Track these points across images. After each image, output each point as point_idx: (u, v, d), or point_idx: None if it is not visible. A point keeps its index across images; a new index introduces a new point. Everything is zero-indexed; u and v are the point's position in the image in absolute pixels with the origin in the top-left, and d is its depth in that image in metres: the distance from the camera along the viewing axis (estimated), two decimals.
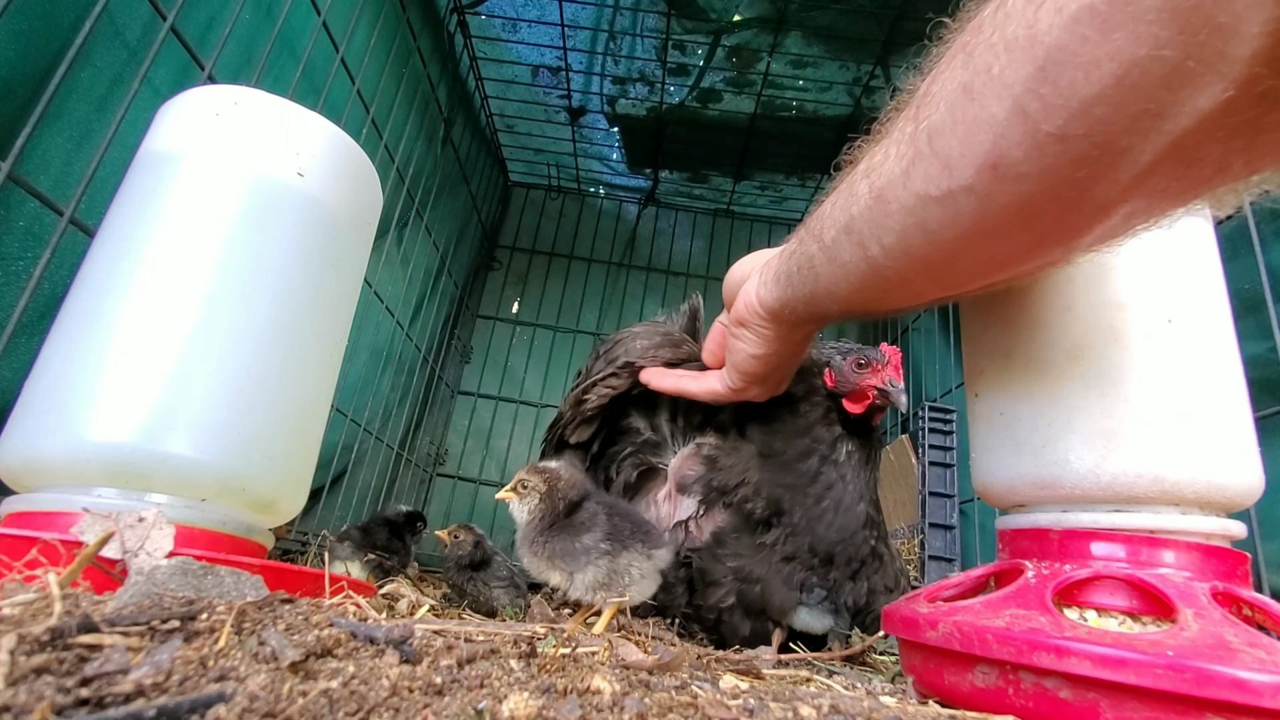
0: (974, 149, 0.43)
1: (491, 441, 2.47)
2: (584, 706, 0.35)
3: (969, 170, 0.44)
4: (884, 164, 0.52)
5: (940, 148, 0.45)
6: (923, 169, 0.47)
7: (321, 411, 0.77)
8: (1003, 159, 0.42)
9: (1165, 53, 0.34)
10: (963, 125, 0.43)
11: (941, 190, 0.46)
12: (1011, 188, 0.43)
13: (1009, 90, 0.40)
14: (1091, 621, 0.56)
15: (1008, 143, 0.41)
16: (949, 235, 0.48)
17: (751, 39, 1.89)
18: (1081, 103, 0.37)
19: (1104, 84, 0.36)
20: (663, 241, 2.70)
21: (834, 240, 0.59)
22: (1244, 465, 0.59)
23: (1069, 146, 0.39)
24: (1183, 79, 0.34)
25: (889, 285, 0.58)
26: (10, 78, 0.73)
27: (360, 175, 0.80)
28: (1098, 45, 0.35)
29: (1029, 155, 0.41)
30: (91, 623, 0.33)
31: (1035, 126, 0.39)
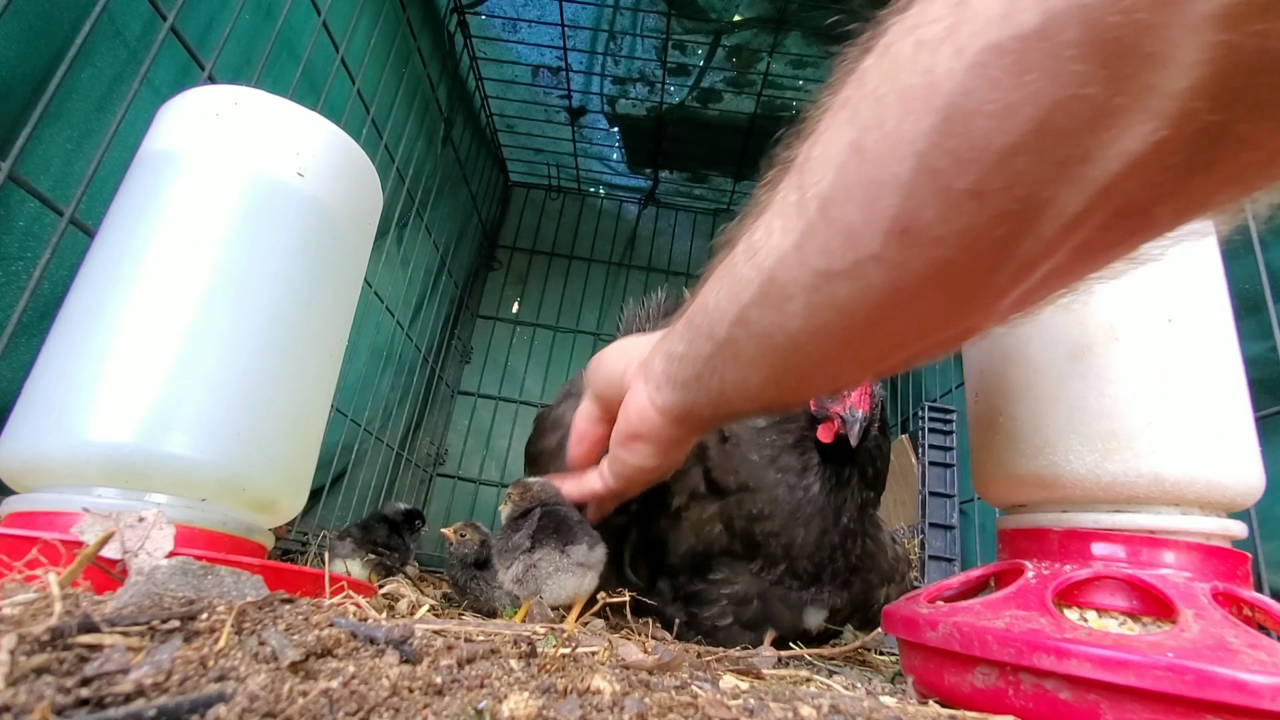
0: (878, 215, 0.38)
1: (492, 442, 2.47)
2: (584, 706, 0.35)
3: (875, 239, 0.39)
4: (768, 241, 0.47)
5: (837, 216, 0.41)
6: (819, 242, 0.42)
7: (321, 411, 0.77)
8: (913, 223, 0.37)
9: (1090, 91, 0.30)
10: (860, 189, 0.39)
11: (847, 263, 0.41)
12: (926, 253, 0.38)
13: (910, 147, 0.35)
14: (1092, 622, 0.56)
15: (917, 204, 0.37)
16: (863, 312, 0.43)
17: (752, 39, 1.89)
18: (998, 154, 0.33)
19: (1022, 132, 0.32)
20: (663, 241, 2.70)
21: (729, 336, 0.53)
22: (1244, 465, 0.59)
23: (987, 203, 0.35)
24: (1111, 119, 0.30)
25: (805, 374, 0.53)
26: (10, 78, 0.73)
27: (360, 175, 0.80)
28: (1010, 89, 0.31)
29: (943, 216, 0.36)
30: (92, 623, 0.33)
31: (947, 184, 0.35)
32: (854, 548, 0.93)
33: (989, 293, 0.41)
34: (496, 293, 2.63)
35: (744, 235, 0.51)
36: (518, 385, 2.52)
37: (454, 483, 2.41)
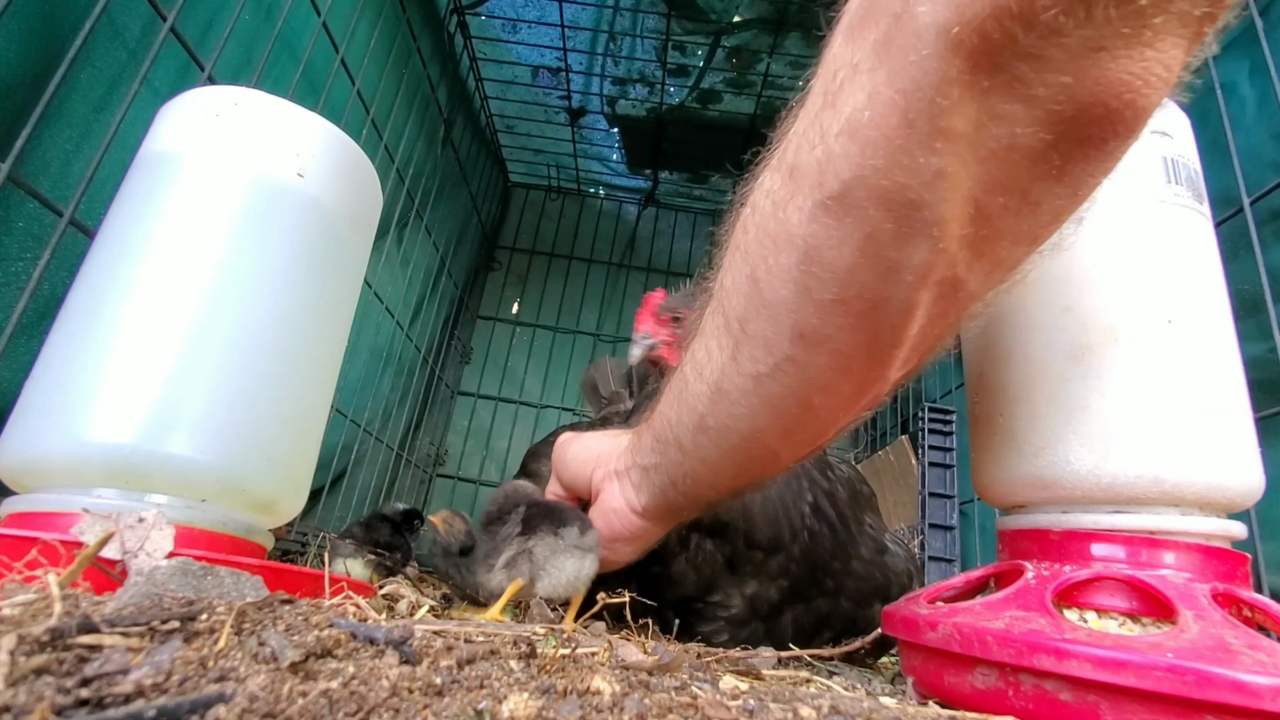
0: (781, 326, 0.51)
1: (491, 442, 2.47)
2: (584, 707, 0.35)
3: (785, 344, 0.51)
4: (709, 359, 0.58)
5: (754, 331, 0.53)
6: (748, 352, 0.54)
7: (321, 412, 0.77)
8: (805, 328, 0.49)
9: (884, 226, 0.43)
10: (765, 309, 0.51)
11: (769, 366, 0.53)
12: (823, 350, 0.50)
13: (788, 274, 0.48)
14: (1092, 623, 0.56)
15: (804, 315, 0.49)
16: (791, 403, 0.55)
17: (751, 40, 1.90)
18: (845, 272, 0.46)
19: (853, 255, 0.45)
20: (662, 242, 2.70)
21: (694, 443, 0.64)
22: (1244, 466, 0.59)
23: (849, 306, 0.47)
24: (903, 241, 0.43)
25: (759, 459, 0.63)
26: (10, 78, 0.73)
27: (360, 176, 0.80)
28: (837, 229, 0.44)
29: (824, 320, 0.48)
30: (91, 623, 0.33)
31: (819, 298, 0.47)
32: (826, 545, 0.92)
33: (879, 364, 0.52)
34: (496, 293, 2.63)
35: (687, 358, 0.63)
36: (517, 386, 2.53)
37: (454, 483, 2.41)
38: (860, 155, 0.42)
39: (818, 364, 0.51)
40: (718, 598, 0.91)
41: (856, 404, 0.57)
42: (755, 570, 0.89)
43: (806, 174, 0.45)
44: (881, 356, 0.51)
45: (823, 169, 0.44)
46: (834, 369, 0.51)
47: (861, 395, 0.55)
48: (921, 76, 0.38)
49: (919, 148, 0.39)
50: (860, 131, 0.41)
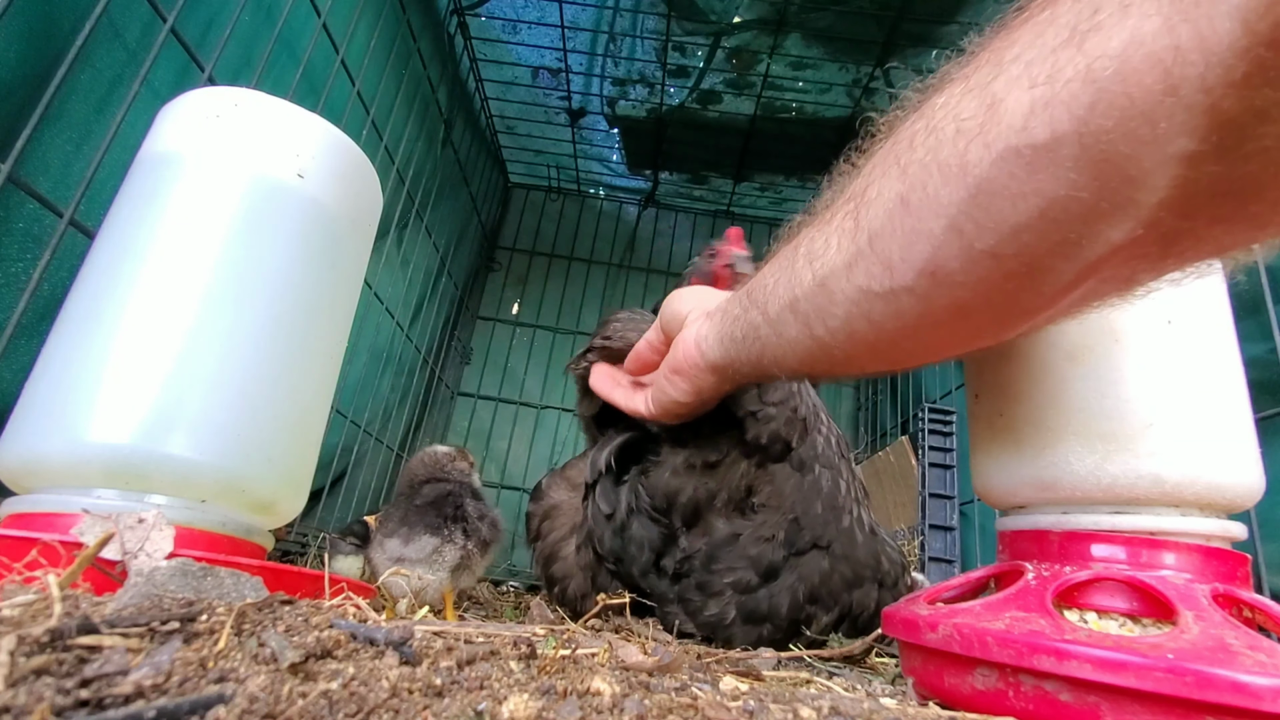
0: (914, 256, 0.47)
1: (491, 443, 2.47)
2: (584, 708, 0.35)
3: (909, 274, 0.48)
4: (825, 253, 0.56)
5: (881, 250, 0.49)
6: (865, 266, 0.51)
7: (321, 413, 0.77)
8: (940, 268, 0.46)
9: (1082, 195, 0.38)
10: (901, 234, 0.47)
11: (884, 288, 0.50)
12: (948, 293, 0.47)
13: (945, 210, 0.44)
14: (1092, 624, 0.56)
15: (944, 255, 0.45)
16: (891, 326, 0.52)
17: (751, 40, 1.90)
18: (1010, 229, 0.41)
19: (1029, 215, 0.40)
20: (662, 243, 2.70)
21: (778, 315, 0.62)
22: (1244, 466, 0.59)
23: (1000, 263, 0.43)
24: (1097, 217, 0.38)
25: (835, 360, 0.61)
26: (10, 79, 0.73)
27: (360, 177, 0.80)
28: (1023, 182, 0.39)
29: (964, 267, 0.45)
30: (91, 624, 0.33)
31: (970, 244, 0.43)
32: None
33: (994, 328, 0.50)
34: (496, 294, 2.63)
35: (805, 237, 0.60)
36: (518, 386, 2.52)
37: None
38: (1089, 110, 0.35)
39: (936, 304, 0.48)
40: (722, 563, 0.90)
41: (947, 351, 0.56)
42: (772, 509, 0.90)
43: (1012, 112, 0.39)
44: (1006, 319, 0.49)
45: (1034, 112, 0.38)
46: (948, 315, 0.48)
47: (959, 346, 0.54)
48: (1210, 36, 0.31)
49: (1170, 121, 0.33)
50: (1102, 83, 0.34)
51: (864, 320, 0.53)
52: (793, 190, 2.51)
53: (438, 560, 0.87)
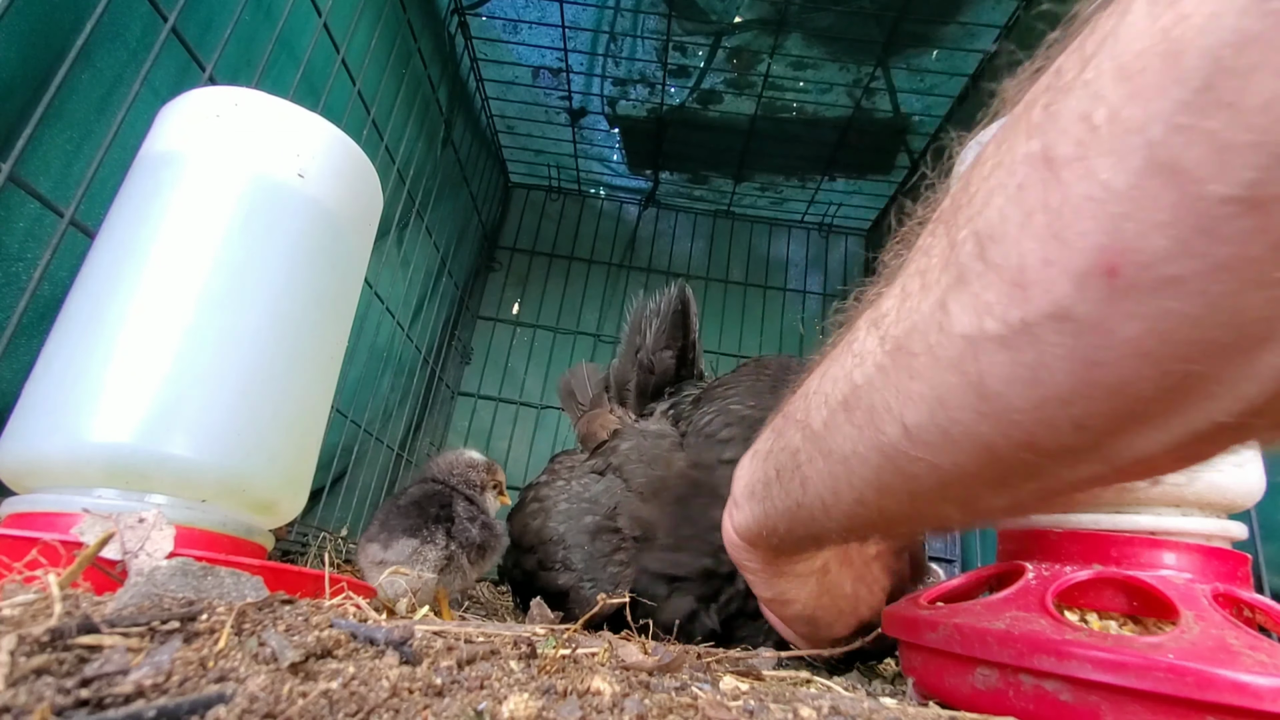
0: (1069, 248, 0.25)
1: (492, 443, 2.47)
2: (584, 708, 0.35)
3: (1061, 284, 0.25)
4: (902, 305, 0.35)
5: (1001, 258, 0.28)
6: (972, 296, 0.29)
7: (322, 412, 0.77)
8: (1130, 255, 0.23)
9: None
10: (1043, 214, 0.26)
11: (1009, 324, 0.28)
12: (1145, 306, 0.24)
13: (1139, 137, 0.23)
14: (1092, 623, 0.56)
15: (1139, 227, 0.23)
16: (1021, 399, 0.29)
17: (752, 41, 1.90)
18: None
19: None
20: (663, 243, 2.70)
21: (826, 424, 0.41)
22: (1244, 467, 0.59)
23: (1272, 217, 0.21)
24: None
25: (918, 489, 0.37)
26: (11, 79, 0.73)
27: (361, 176, 0.80)
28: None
29: (1185, 243, 0.22)
30: (91, 623, 0.33)
31: (1197, 190, 0.21)
32: None
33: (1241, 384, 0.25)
34: (497, 294, 2.63)
35: (867, 309, 0.40)
36: (518, 387, 2.52)
37: None
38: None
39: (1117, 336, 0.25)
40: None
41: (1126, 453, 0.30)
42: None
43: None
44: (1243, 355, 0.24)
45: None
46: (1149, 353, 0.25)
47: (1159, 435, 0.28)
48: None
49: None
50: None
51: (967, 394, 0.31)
52: (793, 190, 2.51)
53: (419, 562, 0.86)
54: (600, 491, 0.96)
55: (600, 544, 0.91)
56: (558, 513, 0.97)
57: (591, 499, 0.96)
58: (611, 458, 1.02)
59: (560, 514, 0.96)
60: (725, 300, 2.57)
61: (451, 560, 0.88)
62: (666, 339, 1.28)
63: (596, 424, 1.19)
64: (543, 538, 0.96)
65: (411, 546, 0.87)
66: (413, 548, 0.87)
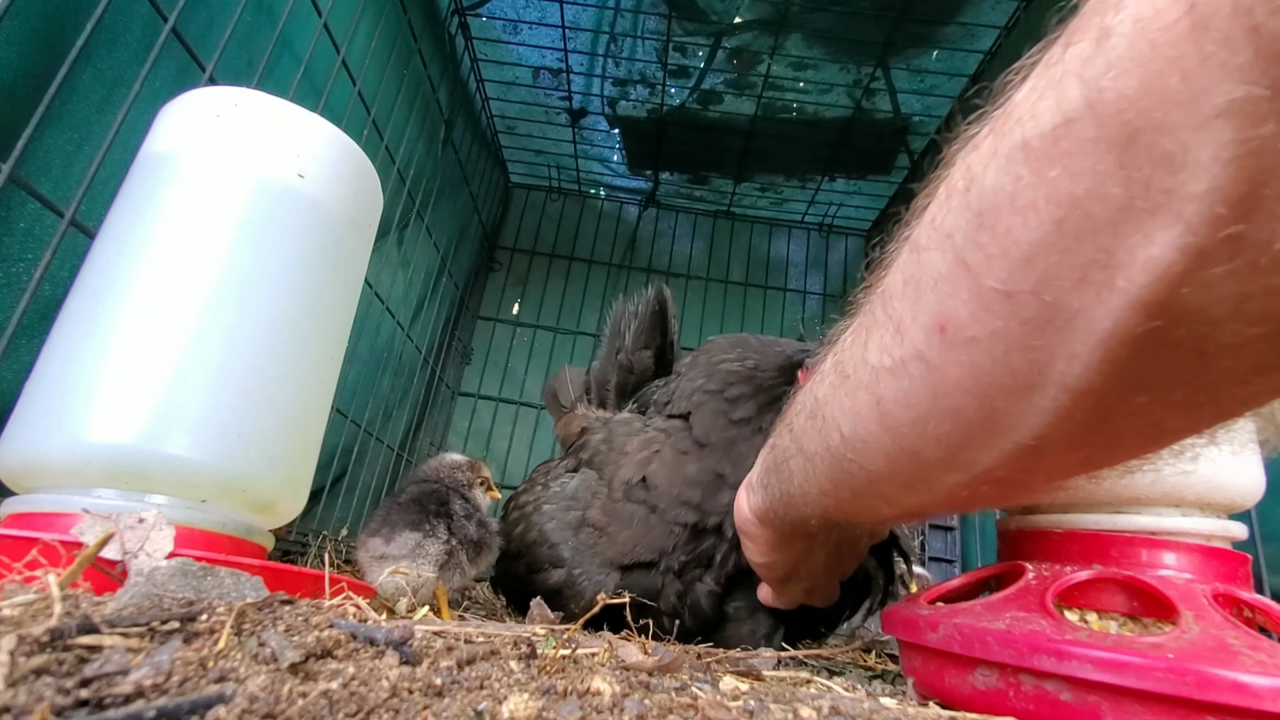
0: (921, 310, 0.37)
1: (492, 443, 2.47)
2: (584, 708, 0.35)
3: (918, 334, 0.38)
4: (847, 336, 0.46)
5: (893, 312, 0.40)
6: (878, 338, 0.41)
7: (322, 413, 0.77)
8: (949, 320, 0.35)
9: (1107, 189, 0.28)
10: (910, 285, 0.38)
11: (894, 359, 0.40)
12: (961, 354, 0.36)
13: (950, 241, 0.34)
14: (1092, 623, 0.56)
15: (954, 301, 0.35)
16: (903, 416, 0.41)
17: (752, 41, 1.90)
18: (1023, 253, 0.31)
19: (1044, 230, 0.30)
20: (663, 243, 2.70)
21: (802, 429, 0.52)
22: (1244, 467, 0.59)
23: (1017, 305, 0.32)
24: (1131, 222, 0.28)
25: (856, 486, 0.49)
26: (11, 79, 0.73)
27: (361, 177, 0.80)
28: (1033, 185, 0.30)
29: (974, 315, 0.34)
30: (91, 624, 0.33)
31: (978, 281, 0.33)
32: None
33: (1027, 419, 0.35)
34: (497, 294, 2.63)
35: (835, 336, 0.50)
36: (518, 387, 2.52)
37: None
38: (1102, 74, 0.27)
39: (949, 374, 0.37)
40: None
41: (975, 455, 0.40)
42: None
43: (1016, 110, 0.31)
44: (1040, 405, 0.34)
45: (1040, 99, 0.30)
46: (967, 390, 0.36)
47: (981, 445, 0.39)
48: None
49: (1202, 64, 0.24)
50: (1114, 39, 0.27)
51: (873, 410, 0.42)
52: (793, 190, 2.51)
53: (421, 555, 0.86)
54: (577, 486, 0.97)
55: (584, 536, 0.91)
56: (539, 514, 0.97)
57: (569, 495, 0.96)
58: (582, 453, 1.04)
59: (542, 514, 0.97)
60: (725, 300, 2.57)
61: (452, 556, 0.89)
62: (645, 339, 1.29)
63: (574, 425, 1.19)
64: (526, 541, 0.97)
65: (414, 541, 0.87)
66: (415, 541, 0.87)
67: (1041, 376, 0.33)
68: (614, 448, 0.98)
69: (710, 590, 0.86)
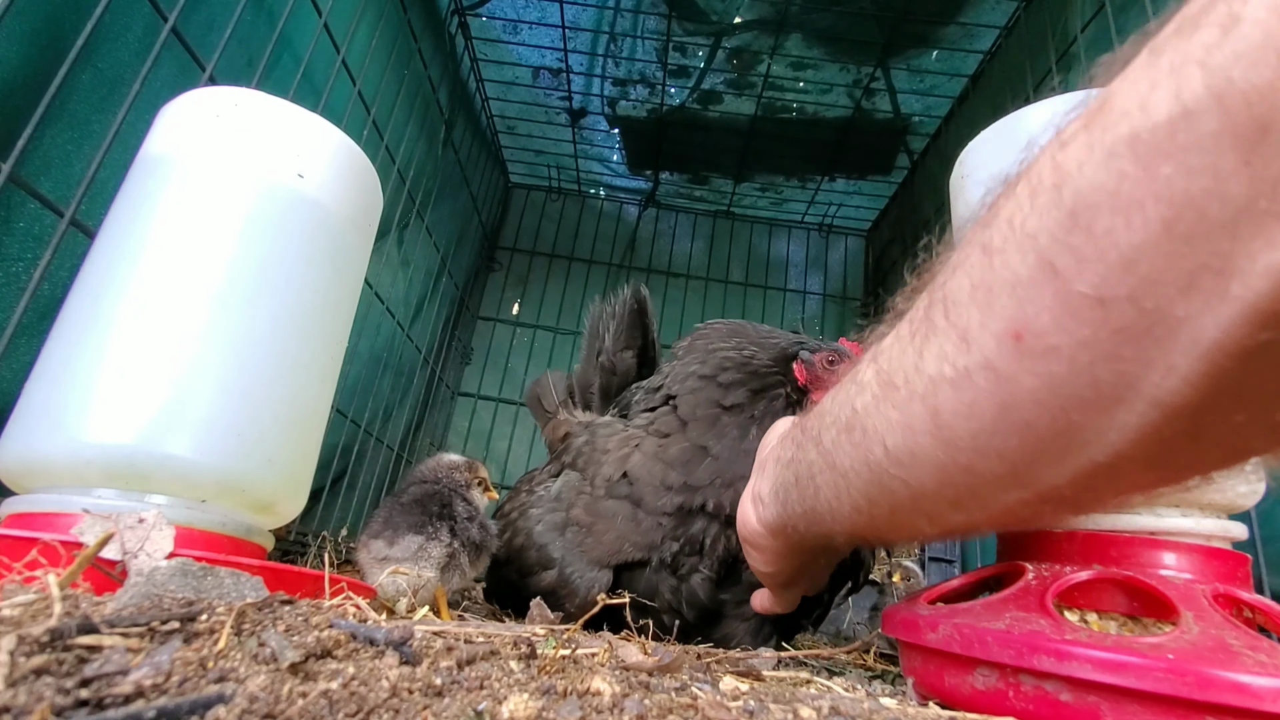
0: (994, 316, 0.34)
1: (492, 443, 2.47)
2: (584, 708, 0.35)
3: (988, 342, 0.35)
4: (894, 345, 0.43)
5: (957, 319, 0.37)
6: (937, 346, 0.38)
7: (322, 413, 0.77)
8: (1028, 327, 0.33)
9: (1229, 188, 0.25)
10: (981, 289, 0.35)
11: (957, 369, 0.37)
12: (1038, 365, 0.33)
13: (1033, 242, 0.32)
14: (1092, 624, 0.56)
15: (1033, 307, 0.32)
16: (963, 429, 0.38)
17: (752, 41, 1.90)
18: (1122, 256, 0.28)
19: (1149, 231, 0.27)
20: (663, 243, 2.70)
21: (834, 442, 0.50)
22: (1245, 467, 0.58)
23: (1109, 313, 0.30)
24: (1253, 224, 0.25)
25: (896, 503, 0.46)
26: (11, 79, 0.73)
27: (361, 177, 0.80)
28: (1140, 182, 0.28)
29: (1058, 322, 0.31)
30: (91, 624, 0.33)
31: (1066, 286, 0.31)
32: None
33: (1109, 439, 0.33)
34: (497, 294, 2.63)
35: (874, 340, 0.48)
36: (518, 387, 2.52)
37: None
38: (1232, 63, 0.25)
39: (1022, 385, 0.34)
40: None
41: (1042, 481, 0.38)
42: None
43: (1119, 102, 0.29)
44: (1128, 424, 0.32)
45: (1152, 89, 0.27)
46: (1042, 405, 0.34)
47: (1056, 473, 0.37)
48: None
49: None
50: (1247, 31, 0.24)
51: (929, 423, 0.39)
52: (793, 190, 2.51)
53: (424, 558, 0.86)
54: (560, 488, 0.98)
55: (571, 535, 0.91)
56: (525, 519, 0.97)
57: (554, 497, 0.97)
58: (565, 456, 1.04)
59: (529, 519, 0.97)
60: (725, 300, 2.57)
61: (453, 558, 0.89)
62: (626, 339, 1.28)
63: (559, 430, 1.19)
64: (515, 547, 0.97)
65: (417, 543, 0.87)
66: (419, 544, 0.87)
67: (1131, 390, 0.31)
68: (596, 448, 0.98)
69: (705, 578, 0.87)
